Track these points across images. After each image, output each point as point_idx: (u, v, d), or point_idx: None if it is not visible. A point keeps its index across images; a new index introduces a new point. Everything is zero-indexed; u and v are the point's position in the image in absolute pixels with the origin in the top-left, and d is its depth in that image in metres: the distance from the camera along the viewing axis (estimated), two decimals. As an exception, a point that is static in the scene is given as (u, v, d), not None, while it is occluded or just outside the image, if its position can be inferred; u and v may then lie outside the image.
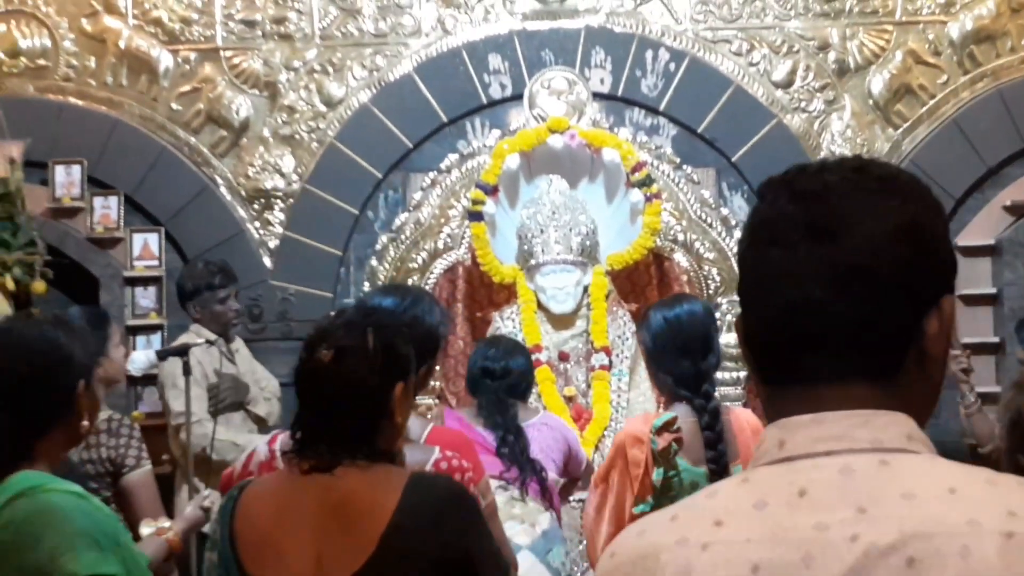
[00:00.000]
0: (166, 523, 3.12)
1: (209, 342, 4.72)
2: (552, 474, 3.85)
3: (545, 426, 4.01)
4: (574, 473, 4.16)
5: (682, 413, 3.27)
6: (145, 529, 3.05)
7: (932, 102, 5.98)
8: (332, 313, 2.94)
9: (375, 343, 2.23)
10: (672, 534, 1.17)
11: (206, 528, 2.99)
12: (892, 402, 1.12)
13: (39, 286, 5.20)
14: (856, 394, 1.13)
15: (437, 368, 3.31)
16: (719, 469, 3.25)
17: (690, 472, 3.26)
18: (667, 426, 3.22)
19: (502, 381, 3.85)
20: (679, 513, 1.22)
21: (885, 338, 1.14)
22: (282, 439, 2.64)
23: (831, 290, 1.12)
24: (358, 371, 2.21)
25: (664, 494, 3.20)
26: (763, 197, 1.21)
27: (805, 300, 1.12)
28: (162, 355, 4.55)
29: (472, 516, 2.24)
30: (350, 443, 2.19)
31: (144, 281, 5.89)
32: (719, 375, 4.15)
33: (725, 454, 3.28)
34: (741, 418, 3.44)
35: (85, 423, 2.40)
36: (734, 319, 5.11)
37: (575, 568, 4.28)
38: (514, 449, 3.79)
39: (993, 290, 5.82)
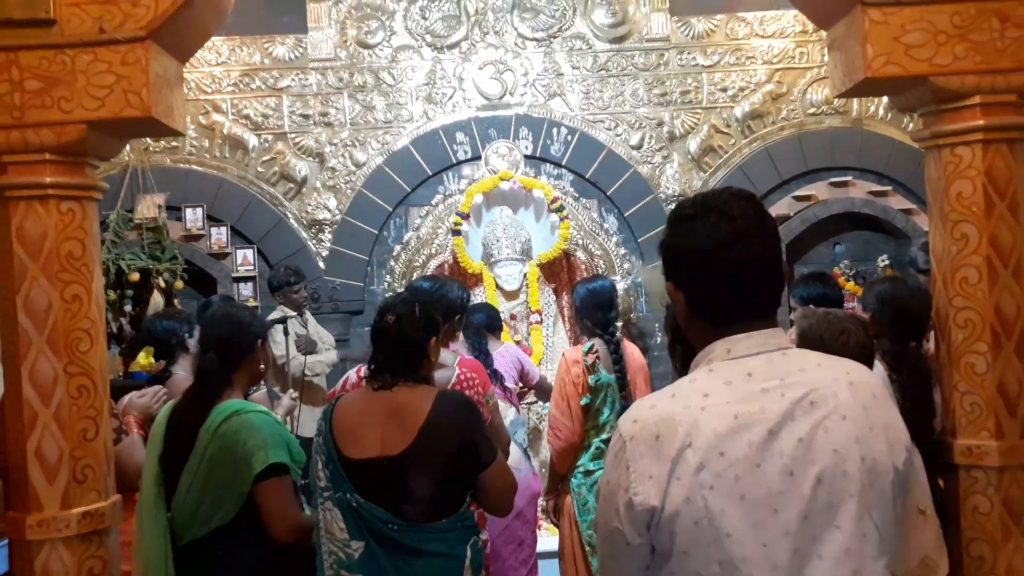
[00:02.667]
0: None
1: (289, 317, 5.58)
2: (509, 383, 4.21)
3: (504, 353, 4.40)
4: (528, 383, 4.58)
5: (598, 344, 3.82)
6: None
7: (725, 156, 6.91)
8: (391, 293, 3.09)
9: (419, 312, 2.54)
10: (677, 404, 1.44)
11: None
12: (775, 322, 1.51)
13: (179, 284, 6.33)
14: (767, 321, 1.50)
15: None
16: (621, 375, 3.80)
17: (606, 377, 3.77)
18: (590, 351, 3.80)
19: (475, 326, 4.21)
20: (675, 392, 1.47)
21: (777, 293, 1.52)
22: (364, 370, 2.92)
23: (761, 271, 1.48)
24: (409, 330, 2.50)
25: (596, 391, 3.76)
26: (692, 218, 1.50)
27: (753, 275, 1.47)
28: (270, 324, 4.90)
29: (474, 417, 2.48)
30: (402, 372, 2.47)
31: (245, 279, 6.76)
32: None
33: (624, 367, 3.82)
34: (628, 348, 4.00)
35: (263, 367, 2.76)
36: (625, 288, 6.09)
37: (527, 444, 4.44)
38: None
39: None
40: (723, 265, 1.46)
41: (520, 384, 4.49)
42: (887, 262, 6.56)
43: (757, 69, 6.95)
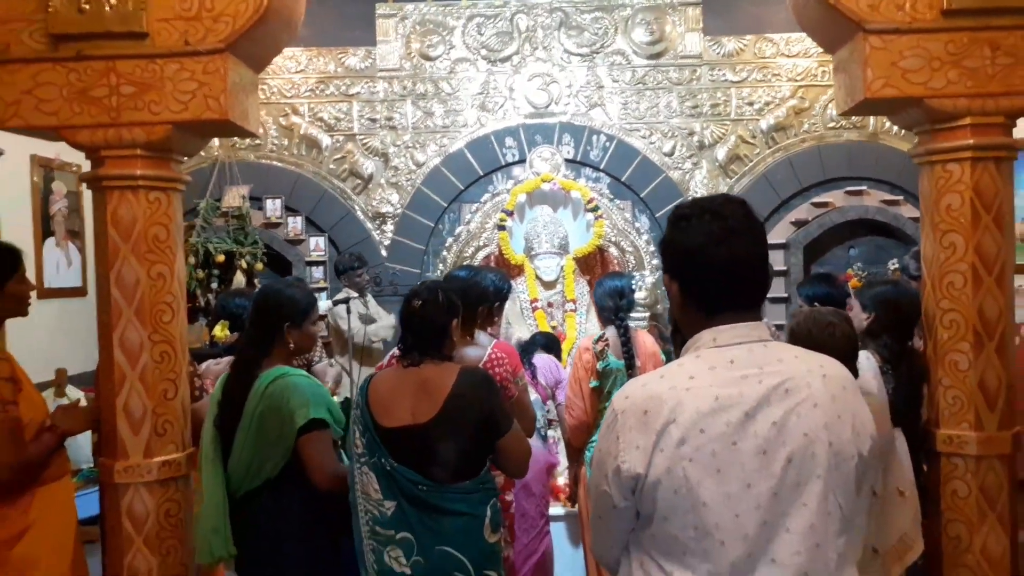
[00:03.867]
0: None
1: (352, 298, 5.62)
2: (542, 380, 4.14)
3: (552, 364, 4.31)
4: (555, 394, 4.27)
5: (610, 332, 3.79)
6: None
7: (750, 164, 6.86)
8: (420, 282, 2.74)
9: (442, 297, 2.53)
10: (665, 384, 1.45)
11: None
12: (760, 316, 1.53)
13: (259, 266, 6.43)
14: (751, 314, 1.51)
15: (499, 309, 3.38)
16: (630, 361, 3.72)
17: (615, 363, 3.72)
18: (600, 339, 3.77)
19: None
20: (664, 374, 1.49)
21: (762, 288, 1.54)
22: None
23: (747, 267, 1.49)
24: (433, 313, 2.50)
25: (604, 376, 3.72)
26: (688, 218, 1.50)
27: (739, 270, 1.48)
28: (336, 303, 5.58)
29: (493, 391, 2.47)
30: (428, 351, 2.49)
31: (316, 263, 6.85)
32: (638, 314, 5.22)
33: (633, 354, 3.74)
34: (641, 336, 3.91)
35: (292, 345, 2.65)
36: (652, 282, 5.93)
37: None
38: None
39: (784, 268, 6.73)
40: (713, 259, 1.47)
41: (550, 387, 4.37)
42: (896, 266, 6.34)
43: (782, 85, 6.91)
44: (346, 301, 5.48)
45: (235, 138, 6.38)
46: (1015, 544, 2.55)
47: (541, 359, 4.26)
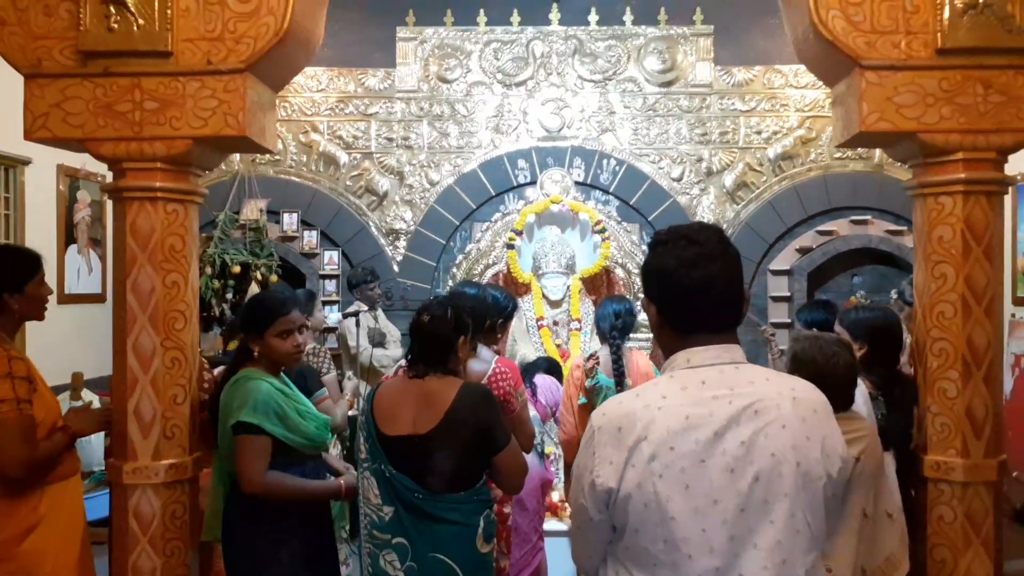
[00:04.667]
0: (343, 400, 3.86)
1: (362, 311, 5.57)
2: (541, 399, 3.97)
3: (554, 386, 4.15)
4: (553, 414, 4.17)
5: (603, 352, 3.89)
6: (335, 408, 3.56)
7: (757, 191, 6.90)
8: (431, 297, 3.01)
9: (451, 314, 2.55)
10: (639, 402, 1.47)
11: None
12: (734, 339, 1.52)
13: (274, 278, 6.49)
14: (725, 337, 1.52)
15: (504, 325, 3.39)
16: (619, 379, 3.77)
17: (605, 380, 3.80)
18: (591, 358, 3.87)
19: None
20: (640, 393, 1.51)
21: (736, 312, 1.54)
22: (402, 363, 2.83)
23: (718, 290, 1.50)
24: (440, 329, 2.52)
25: (593, 392, 3.78)
26: (665, 243, 1.53)
27: (712, 293, 1.50)
28: (345, 316, 5.62)
29: (492, 406, 2.48)
30: (433, 364, 2.51)
31: (330, 277, 6.91)
32: (641, 335, 5.33)
33: (623, 373, 3.80)
34: (635, 357, 3.95)
35: (276, 350, 2.63)
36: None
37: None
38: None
39: (788, 293, 6.79)
40: (686, 282, 1.49)
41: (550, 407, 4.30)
42: (896, 295, 6.40)
43: (790, 115, 6.94)
44: (356, 314, 5.50)
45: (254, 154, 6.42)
46: (999, 569, 2.56)
47: (543, 379, 4.26)
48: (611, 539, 1.52)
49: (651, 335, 5.08)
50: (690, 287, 1.48)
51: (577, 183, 6.68)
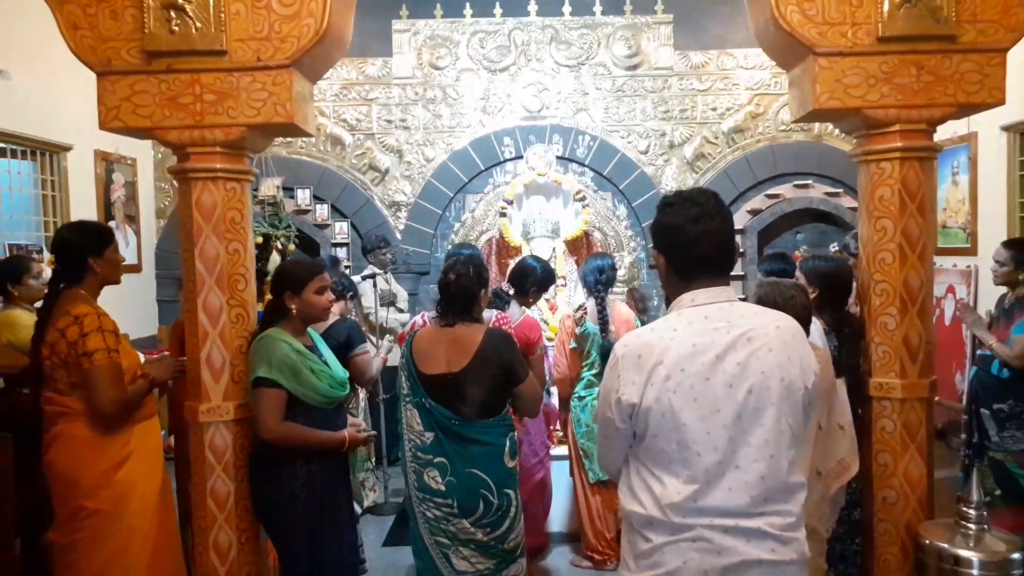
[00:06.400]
0: (379, 355, 3.55)
1: (377, 274, 5.62)
2: None
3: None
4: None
5: (590, 303, 3.91)
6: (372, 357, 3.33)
7: (713, 162, 6.91)
8: (453, 256, 3.02)
9: (473, 272, 2.62)
10: (655, 335, 1.55)
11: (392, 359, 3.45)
12: (728, 281, 1.58)
13: (292, 248, 5.72)
14: (721, 280, 1.60)
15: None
16: (604, 326, 3.82)
17: (591, 328, 3.84)
18: (579, 309, 3.92)
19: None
20: (655, 327, 1.57)
21: (730, 259, 1.61)
22: (427, 315, 3.18)
23: (717, 241, 1.57)
24: (466, 284, 2.59)
25: (582, 339, 3.86)
26: (672, 204, 1.60)
27: (711, 244, 1.57)
28: (364, 278, 5.51)
29: (512, 346, 2.57)
30: (461, 314, 2.60)
31: (341, 245, 6.91)
32: (618, 288, 5.42)
33: (607, 320, 3.83)
34: (617, 306, 3.97)
35: (295, 310, 2.64)
36: (631, 262, 6.16)
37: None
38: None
39: (741, 250, 6.74)
40: (690, 235, 1.58)
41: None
42: (836, 248, 6.53)
43: (741, 94, 6.91)
44: (372, 276, 5.55)
45: (297, 137, 6.23)
46: (931, 470, 2.70)
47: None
48: (631, 444, 1.62)
49: (626, 288, 6.03)
50: (694, 239, 1.56)
51: (557, 157, 6.63)
